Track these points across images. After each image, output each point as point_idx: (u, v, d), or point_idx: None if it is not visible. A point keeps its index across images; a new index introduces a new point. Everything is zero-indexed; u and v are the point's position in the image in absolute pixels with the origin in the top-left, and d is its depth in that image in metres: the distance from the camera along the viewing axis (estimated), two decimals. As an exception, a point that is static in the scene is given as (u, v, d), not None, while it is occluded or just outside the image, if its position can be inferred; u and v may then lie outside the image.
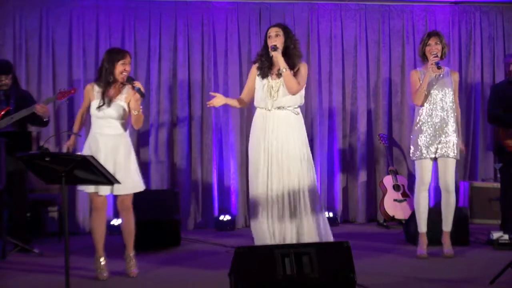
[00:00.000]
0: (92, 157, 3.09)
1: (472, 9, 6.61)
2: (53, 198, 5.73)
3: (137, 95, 3.94)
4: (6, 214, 4.82)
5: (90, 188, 3.91)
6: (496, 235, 4.94)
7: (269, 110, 4.06)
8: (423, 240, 4.56)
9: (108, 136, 3.98)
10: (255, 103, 4.19)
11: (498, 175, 5.41)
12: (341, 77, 6.41)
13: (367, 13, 6.49)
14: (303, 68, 4.11)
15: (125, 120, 4.06)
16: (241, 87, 6.25)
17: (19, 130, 4.90)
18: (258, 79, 4.13)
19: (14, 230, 4.85)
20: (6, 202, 4.81)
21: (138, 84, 3.95)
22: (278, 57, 3.98)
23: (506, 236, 4.85)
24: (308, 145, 4.16)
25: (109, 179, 3.18)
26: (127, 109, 4.01)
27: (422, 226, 4.58)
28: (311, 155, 4.17)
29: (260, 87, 4.10)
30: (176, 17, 6.21)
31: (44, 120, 4.85)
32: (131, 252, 4.11)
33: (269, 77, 4.07)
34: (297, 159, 4.02)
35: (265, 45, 4.12)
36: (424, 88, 4.41)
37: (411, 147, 4.57)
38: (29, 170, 3.38)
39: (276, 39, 4.03)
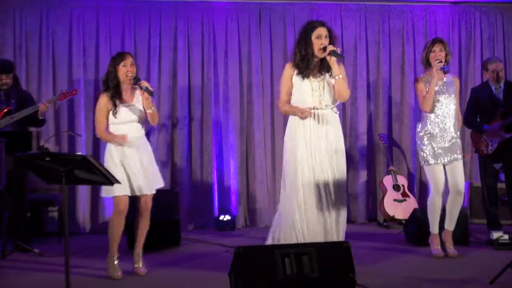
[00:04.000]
0: (93, 156, 3.09)
1: (472, 9, 6.61)
2: (53, 198, 5.73)
3: (146, 94, 4.02)
4: (6, 214, 4.82)
5: (126, 191, 3.95)
6: (496, 235, 4.96)
7: (311, 110, 3.94)
8: (436, 240, 4.59)
9: (131, 139, 4.04)
10: (294, 103, 4.02)
11: (499, 175, 5.41)
12: (341, 77, 6.40)
13: (367, 13, 6.49)
14: (343, 70, 4.00)
15: (143, 122, 4.17)
16: (241, 87, 6.26)
17: (19, 130, 4.90)
18: (297, 78, 3.97)
19: (14, 230, 4.85)
20: (6, 202, 4.81)
21: (144, 84, 4.02)
22: (334, 63, 3.85)
23: (506, 236, 4.86)
24: (343, 143, 4.11)
25: (109, 179, 3.18)
26: (143, 110, 4.11)
27: (435, 227, 4.60)
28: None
29: (301, 87, 3.96)
30: (176, 17, 6.22)
31: (40, 118, 4.87)
32: (140, 251, 4.15)
33: (311, 77, 3.95)
34: (339, 155, 3.99)
35: (305, 43, 3.94)
36: (432, 93, 4.43)
37: (421, 154, 4.57)
38: (29, 170, 3.38)
39: (326, 41, 3.90)
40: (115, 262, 4.04)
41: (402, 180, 6.16)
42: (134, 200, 4.13)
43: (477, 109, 5.13)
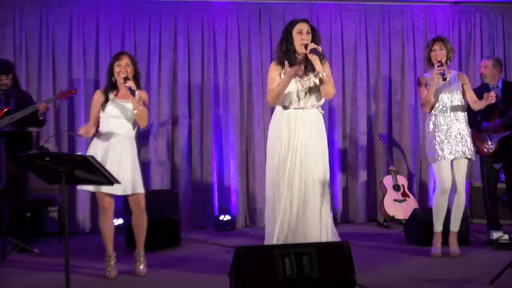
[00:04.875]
0: (92, 157, 3.09)
1: (472, 9, 6.61)
2: (53, 198, 5.72)
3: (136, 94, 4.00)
4: (6, 214, 4.82)
5: (107, 189, 3.91)
6: (496, 235, 4.95)
7: (296, 109, 3.92)
8: (438, 239, 4.58)
9: (119, 136, 4.04)
10: (280, 102, 3.98)
11: (499, 175, 5.41)
12: (341, 77, 6.41)
13: (367, 13, 6.49)
14: (327, 68, 3.96)
15: (135, 123, 4.13)
16: (241, 87, 6.26)
17: (19, 130, 4.90)
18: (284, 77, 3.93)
19: (14, 230, 4.85)
20: (6, 202, 4.81)
21: (129, 83, 3.99)
22: (316, 61, 3.81)
23: (506, 236, 4.86)
24: (326, 144, 4.05)
25: (109, 179, 3.18)
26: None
27: (439, 226, 4.59)
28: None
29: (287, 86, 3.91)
30: (176, 17, 6.22)
31: (40, 119, 4.87)
32: (141, 251, 4.14)
33: (297, 76, 3.90)
34: (323, 158, 3.94)
35: (286, 39, 3.94)
36: (431, 97, 4.45)
37: (428, 151, 4.58)
38: (29, 170, 3.38)
39: (308, 36, 3.89)
40: (111, 262, 4.05)
41: (402, 180, 6.16)
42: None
43: (477, 110, 5.14)
